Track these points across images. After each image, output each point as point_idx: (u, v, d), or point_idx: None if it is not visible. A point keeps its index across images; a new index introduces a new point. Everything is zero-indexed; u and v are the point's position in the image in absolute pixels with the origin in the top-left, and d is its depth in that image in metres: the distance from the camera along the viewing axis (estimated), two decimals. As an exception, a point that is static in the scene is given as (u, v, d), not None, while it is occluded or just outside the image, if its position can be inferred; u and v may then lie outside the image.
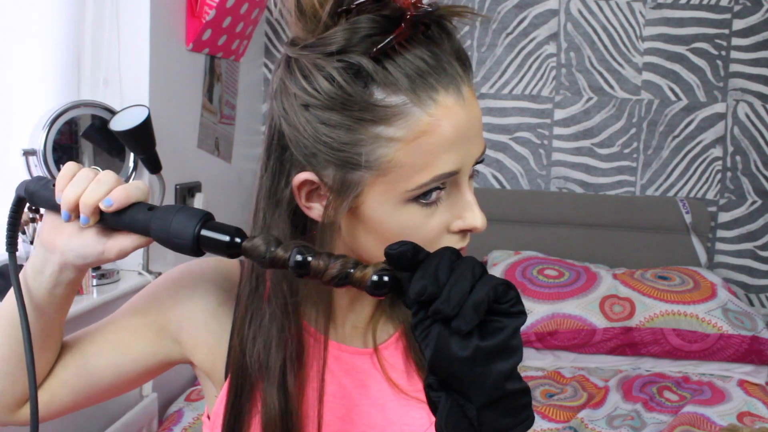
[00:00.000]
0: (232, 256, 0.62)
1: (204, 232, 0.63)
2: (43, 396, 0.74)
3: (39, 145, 1.57)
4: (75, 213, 0.65)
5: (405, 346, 0.77)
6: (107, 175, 0.65)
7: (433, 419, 0.70)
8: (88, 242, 0.66)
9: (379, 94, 0.61)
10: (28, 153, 1.58)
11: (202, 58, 2.15)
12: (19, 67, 1.60)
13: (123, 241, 0.66)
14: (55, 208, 0.67)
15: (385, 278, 0.58)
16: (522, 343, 0.57)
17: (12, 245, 0.72)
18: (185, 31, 2.02)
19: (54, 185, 0.66)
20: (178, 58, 2.00)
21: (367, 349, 0.77)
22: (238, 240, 0.62)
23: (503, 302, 0.54)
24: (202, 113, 2.18)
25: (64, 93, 1.65)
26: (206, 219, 0.64)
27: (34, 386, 0.67)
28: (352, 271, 0.58)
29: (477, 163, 0.67)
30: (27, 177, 1.59)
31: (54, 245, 0.67)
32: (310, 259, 0.58)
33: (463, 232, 0.67)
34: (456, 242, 0.67)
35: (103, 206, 0.64)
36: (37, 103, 1.62)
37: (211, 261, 0.79)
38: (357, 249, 0.69)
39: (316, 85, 0.61)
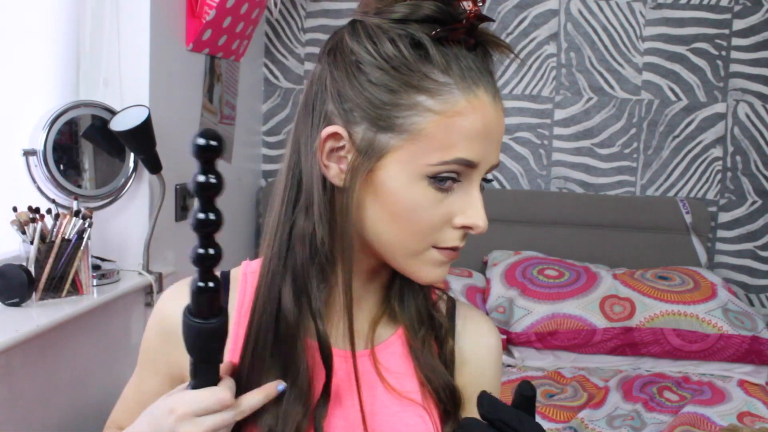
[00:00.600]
0: None
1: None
2: None
3: (39, 145, 1.57)
4: None
5: (404, 347, 0.77)
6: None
7: (428, 421, 0.70)
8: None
9: (429, 69, 0.66)
10: (28, 153, 1.58)
11: (202, 58, 2.15)
12: (19, 67, 1.61)
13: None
14: None
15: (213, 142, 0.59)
16: None
17: None
18: (185, 31, 2.02)
19: None
20: (178, 58, 2.00)
21: (364, 350, 0.76)
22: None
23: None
24: (202, 113, 2.18)
25: (64, 93, 1.65)
26: None
27: None
28: None
29: (487, 177, 0.70)
30: (27, 177, 1.59)
31: None
32: None
33: (464, 231, 0.69)
34: (455, 239, 0.69)
35: None
36: (37, 103, 1.62)
37: (179, 284, 0.80)
38: (362, 220, 0.69)
39: (378, 44, 0.66)
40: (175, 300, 0.76)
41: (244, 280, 0.78)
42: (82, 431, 1.58)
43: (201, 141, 0.58)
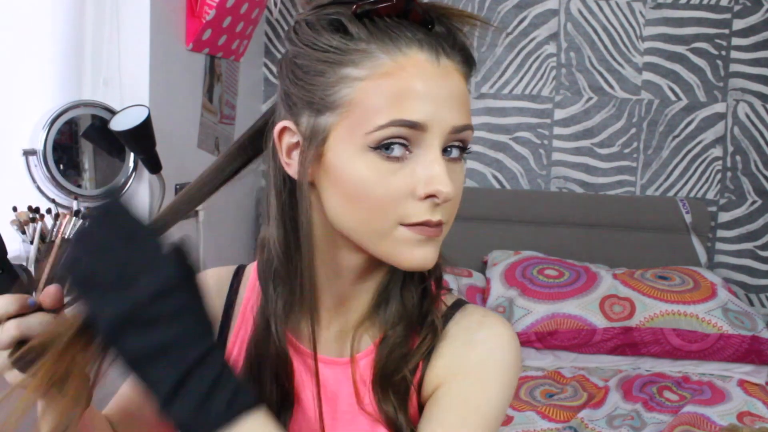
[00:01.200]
0: None
1: None
2: None
3: (39, 145, 1.58)
4: None
5: (374, 357, 0.72)
6: None
7: None
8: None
9: (350, 41, 0.64)
10: (28, 153, 1.58)
11: (202, 58, 2.15)
12: (20, 67, 1.60)
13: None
14: None
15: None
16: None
17: None
18: (185, 31, 2.02)
19: None
20: (178, 58, 2.00)
21: (341, 358, 0.73)
22: None
23: None
24: (202, 113, 2.18)
25: (65, 93, 1.65)
26: None
27: None
28: None
29: (461, 143, 0.66)
30: (27, 177, 1.59)
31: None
32: None
33: (431, 202, 0.64)
34: (423, 212, 0.64)
35: None
36: (37, 103, 1.62)
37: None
38: (326, 211, 0.68)
39: (302, 36, 0.67)
40: None
41: (254, 278, 0.77)
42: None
43: None
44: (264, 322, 0.71)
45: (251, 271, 0.79)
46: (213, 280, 0.79)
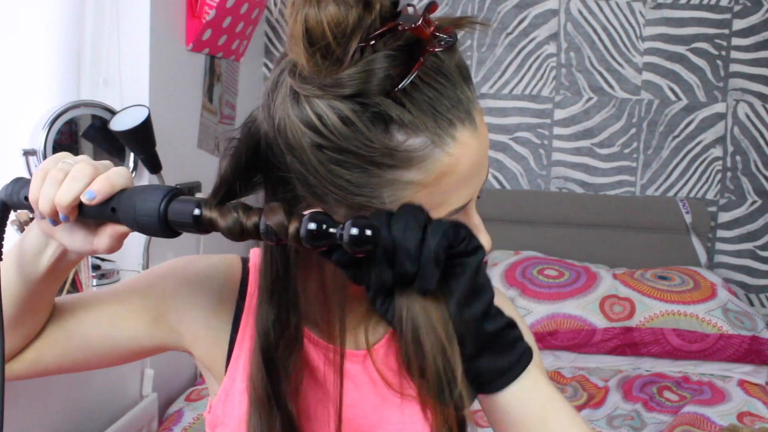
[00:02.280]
0: (201, 231, 0.58)
1: (172, 207, 0.58)
2: (30, 354, 0.74)
3: (39, 145, 1.57)
4: (54, 215, 0.61)
5: (397, 344, 0.75)
6: (82, 169, 0.60)
7: (428, 417, 0.69)
8: (77, 240, 0.64)
9: (400, 137, 0.57)
10: (28, 153, 1.58)
11: (202, 58, 2.15)
12: (20, 67, 1.60)
13: (108, 234, 0.63)
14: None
15: (368, 231, 0.52)
16: (489, 278, 0.56)
17: None
18: (185, 31, 2.02)
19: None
20: (178, 58, 2.00)
21: (359, 351, 0.76)
22: (197, 212, 0.57)
23: (458, 244, 0.53)
24: (202, 113, 2.18)
25: (64, 93, 1.65)
26: (173, 194, 0.59)
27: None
28: (284, 222, 0.54)
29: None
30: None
31: (53, 236, 0.65)
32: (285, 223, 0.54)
33: None
34: None
35: (85, 200, 0.59)
36: (37, 103, 1.62)
37: (214, 258, 0.79)
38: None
39: (331, 127, 0.57)
40: (204, 260, 0.78)
41: (255, 271, 0.77)
42: (82, 431, 1.58)
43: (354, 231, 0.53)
44: (275, 314, 0.69)
45: (254, 259, 0.79)
46: (226, 267, 0.79)
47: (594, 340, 2.17)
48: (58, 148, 1.61)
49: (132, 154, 1.75)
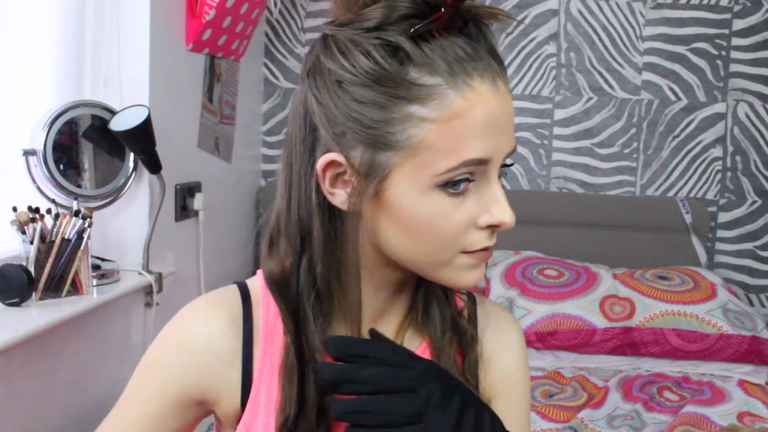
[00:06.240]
0: None
1: None
2: None
3: (39, 145, 1.57)
4: None
5: (430, 359, 0.73)
6: None
7: None
8: None
9: (415, 73, 0.61)
10: (28, 153, 1.58)
11: (202, 58, 2.15)
12: (20, 67, 1.60)
13: None
14: None
15: None
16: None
17: None
18: (185, 31, 2.02)
19: None
20: (178, 58, 2.00)
21: None
22: None
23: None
24: (202, 113, 2.18)
25: (64, 93, 1.65)
26: None
27: None
28: None
29: (506, 162, 0.66)
30: (27, 177, 1.59)
31: None
32: None
33: (491, 229, 0.67)
34: (483, 239, 0.66)
35: None
36: (37, 103, 1.62)
37: (202, 306, 0.74)
38: (379, 241, 0.67)
39: (352, 60, 0.62)
40: (201, 324, 0.72)
41: (266, 295, 0.72)
42: (82, 431, 1.58)
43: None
44: (299, 342, 0.68)
45: (258, 288, 0.74)
46: (225, 311, 0.73)
47: (594, 340, 2.17)
48: (58, 148, 1.61)
49: (132, 154, 1.75)
